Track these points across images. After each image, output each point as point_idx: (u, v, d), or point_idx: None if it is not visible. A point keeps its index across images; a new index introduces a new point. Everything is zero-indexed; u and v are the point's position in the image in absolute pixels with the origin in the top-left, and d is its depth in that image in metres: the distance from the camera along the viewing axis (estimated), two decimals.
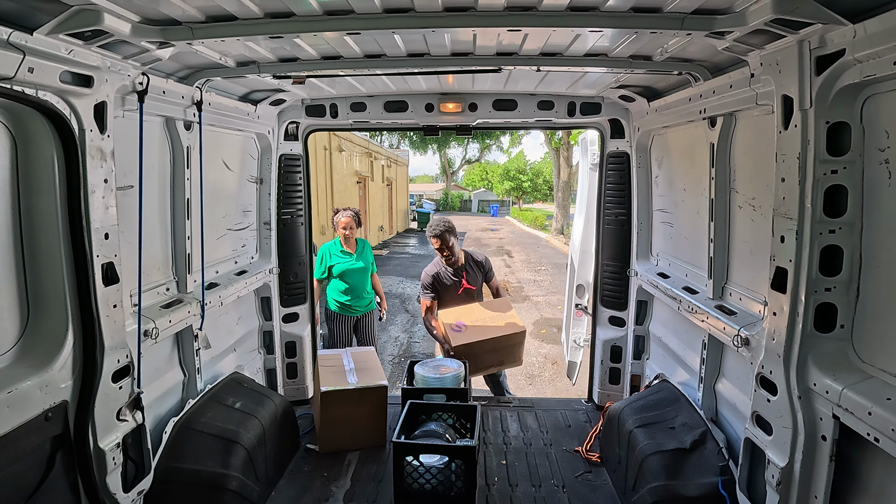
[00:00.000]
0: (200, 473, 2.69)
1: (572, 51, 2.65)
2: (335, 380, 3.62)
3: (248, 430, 3.02)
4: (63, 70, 1.93)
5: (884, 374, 1.76)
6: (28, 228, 2.04)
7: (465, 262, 4.80)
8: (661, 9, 1.98)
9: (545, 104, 3.86)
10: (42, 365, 2.02)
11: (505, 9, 2.05)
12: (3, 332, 1.99)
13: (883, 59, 1.59)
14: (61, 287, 2.08)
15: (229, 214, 3.67)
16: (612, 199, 4.09)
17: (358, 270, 5.34)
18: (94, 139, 2.10)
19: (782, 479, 2.02)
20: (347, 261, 5.32)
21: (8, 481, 1.86)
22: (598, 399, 4.30)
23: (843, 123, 1.84)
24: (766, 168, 2.32)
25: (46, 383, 1.99)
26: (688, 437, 2.78)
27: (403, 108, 3.88)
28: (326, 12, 2.06)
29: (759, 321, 2.44)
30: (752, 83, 2.28)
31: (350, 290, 5.34)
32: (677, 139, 3.47)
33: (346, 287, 5.32)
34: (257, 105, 3.66)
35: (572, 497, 3.15)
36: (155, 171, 2.83)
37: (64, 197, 2.06)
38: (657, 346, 3.89)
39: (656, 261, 3.86)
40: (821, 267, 1.91)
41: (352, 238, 5.38)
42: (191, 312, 2.98)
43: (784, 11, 1.70)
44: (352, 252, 5.36)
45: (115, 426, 2.28)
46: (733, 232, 2.81)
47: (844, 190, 1.86)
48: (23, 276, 2.05)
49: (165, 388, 2.96)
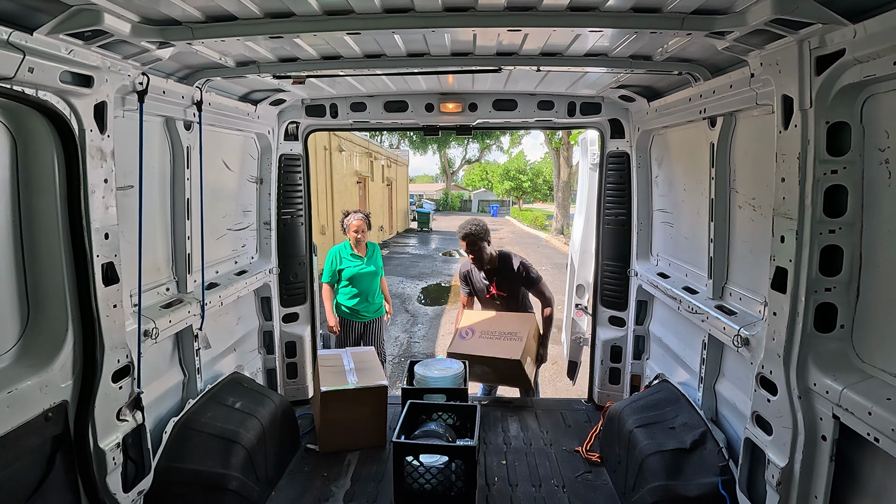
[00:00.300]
0: (200, 473, 2.69)
1: (572, 51, 2.65)
2: (335, 380, 3.62)
3: (248, 430, 3.02)
4: (63, 70, 1.93)
5: (884, 374, 1.76)
6: (28, 228, 2.04)
7: (499, 267, 4.52)
8: (661, 9, 1.99)
9: (545, 104, 3.86)
10: (42, 365, 2.02)
11: (505, 9, 2.05)
12: (4, 331, 1.99)
13: (883, 59, 1.59)
14: (61, 287, 2.08)
15: (229, 214, 3.67)
16: (612, 199, 4.09)
17: (368, 275, 5.23)
18: (94, 139, 2.10)
19: (782, 479, 2.02)
20: (358, 265, 5.20)
21: (8, 481, 1.86)
22: (598, 399, 4.29)
23: (843, 123, 1.84)
24: (766, 168, 2.32)
25: (46, 383, 1.99)
26: (688, 437, 2.78)
27: (403, 108, 3.88)
28: (326, 12, 2.06)
29: (759, 321, 2.44)
30: (752, 83, 2.28)
31: (359, 295, 5.20)
32: (677, 139, 3.47)
33: (355, 292, 5.20)
34: (257, 105, 3.66)
35: (572, 497, 3.15)
36: (155, 171, 2.84)
37: (64, 197, 2.06)
38: (657, 346, 3.89)
39: (656, 261, 3.86)
40: (821, 267, 1.91)
41: (363, 241, 5.25)
42: (191, 312, 2.99)
43: (784, 11, 1.70)
44: (362, 256, 5.24)
45: (115, 426, 2.28)
46: (733, 232, 2.81)
47: (844, 190, 1.86)
48: (23, 276, 2.05)
49: (165, 388, 2.96)
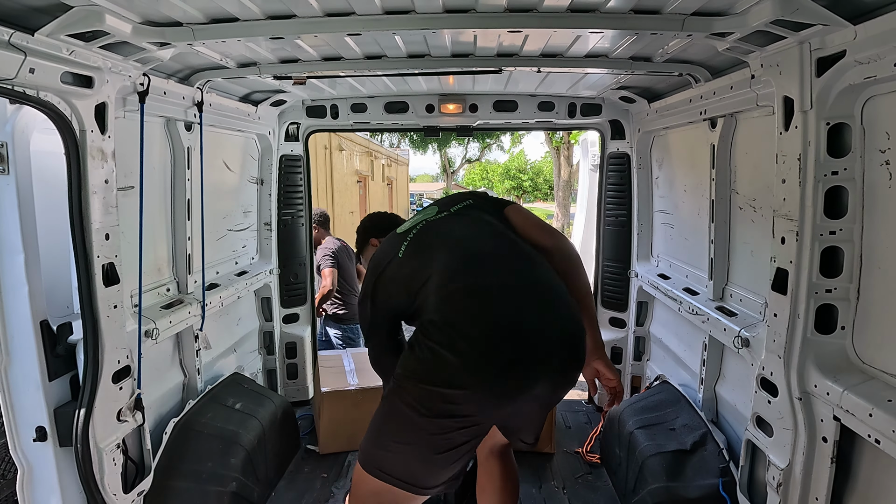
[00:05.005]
0: (200, 474, 2.69)
1: (573, 52, 2.65)
2: (335, 381, 3.62)
3: (248, 431, 3.02)
4: (64, 71, 1.93)
5: (885, 376, 1.76)
6: None
7: None
8: (661, 10, 1.98)
9: (546, 105, 3.85)
10: None
11: (505, 10, 2.05)
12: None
13: (883, 61, 1.59)
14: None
15: (230, 215, 3.67)
16: (612, 200, 4.09)
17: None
18: (94, 140, 2.10)
19: (783, 480, 2.02)
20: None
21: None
22: (598, 400, 4.29)
23: (843, 125, 1.84)
24: (766, 169, 2.32)
25: None
26: (688, 439, 2.78)
27: (404, 109, 3.88)
28: (327, 13, 2.06)
29: (760, 322, 2.44)
30: (752, 84, 2.28)
31: None
32: (678, 140, 3.47)
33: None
34: (258, 106, 3.66)
35: (572, 498, 3.15)
36: (156, 171, 2.83)
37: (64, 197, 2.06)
38: (658, 347, 3.89)
39: (657, 262, 3.86)
40: (821, 268, 1.91)
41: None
42: (191, 313, 2.98)
43: (785, 13, 1.70)
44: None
45: (115, 427, 2.27)
46: (734, 233, 2.81)
47: (845, 191, 1.86)
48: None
49: (166, 388, 2.96)
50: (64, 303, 2.30)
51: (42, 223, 2.09)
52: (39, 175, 2.10)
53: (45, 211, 2.13)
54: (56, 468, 2.12)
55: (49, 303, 2.13)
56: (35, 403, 2.07)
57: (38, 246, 2.07)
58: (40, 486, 2.13)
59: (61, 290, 2.28)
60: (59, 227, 2.10)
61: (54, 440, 2.11)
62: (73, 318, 2.18)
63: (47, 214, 2.14)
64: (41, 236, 2.09)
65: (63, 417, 2.10)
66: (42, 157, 2.12)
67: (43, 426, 2.07)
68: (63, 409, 2.12)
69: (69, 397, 2.18)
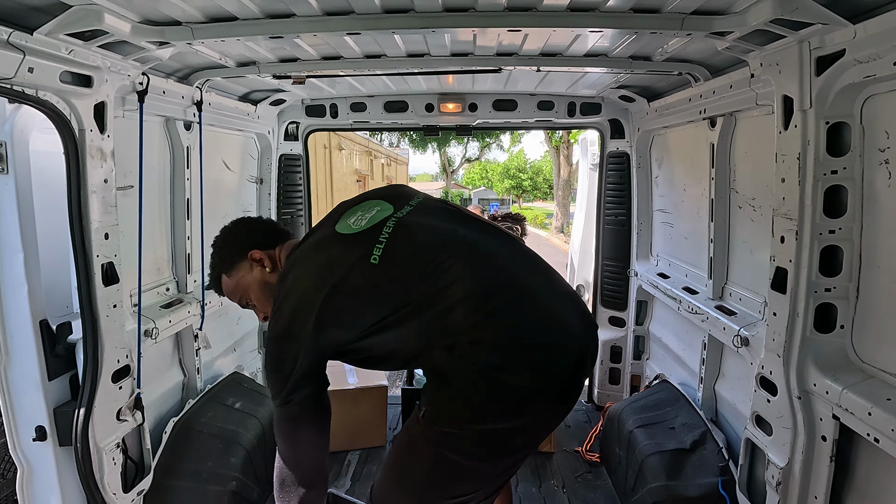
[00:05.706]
0: (200, 473, 2.69)
1: (572, 51, 2.65)
2: (335, 380, 3.59)
3: (248, 430, 3.02)
4: (63, 70, 1.92)
5: (884, 375, 1.76)
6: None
7: None
8: (660, 9, 1.98)
9: (545, 104, 3.85)
10: None
11: (505, 9, 2.05)
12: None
13: (883, 60, 1.59)
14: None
15: (229, 214, 3.66)
16: (612, 199, 4.09)
17: None
18: (94, 139, 2.10)
19: (782, 479, 2.02)
20: None
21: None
22: (597, 399, 4.29)
23: (842, 124, 1.84)
24: (766, 168, 2.32)
25: None
26: (688, 438, 2.78)
27: (403, 109, 3.88)
28: (326, 12, 2.06)
29: (759, 321, 2.44)
30: (752, 83, 2.28)
31: None
32: (677, 139, 3.47)
33: None
34: (257, 105, 3.66)
35: (572, 497, 3.15)
36: (155, 171, 2.83)
37: (64, 197, 2.06)
38: (657, 346, 3.89)
39: (656, 261, 3.86)
40: (821, 267, 1.91)
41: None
42: (191, 312, 2.99)
43: (784, 12, 1.70)
44: None
45: (115, 426, 2.27)
46: (733, 232, 2.81)
47: (844, 190, 1.86)
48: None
49: (165, 387, 2.96)
50: (63, 302, 2.30)
51: (41, 223, 2.09)
52: (38, 175, 2.10)
53: (45, 210, 2.13)
54: (56, 468, 2.12)
55: (48, 302, 2.13)
56: (35, 403, 2.07)
57: (37, 245, 2.07)
58: (40, 485, 2.14)
59: (61, 290, 2.28)
60: (59, 227, 2.10)
61: (54, 440, 2.11)
62: (73, 318, 2.18)
63: (47, 214, 2.14)
64: (40, 236, 2.09)
65: (63, 417, 2.10)
66: (41, 157, 2.12)
67: (43, 426, 2.08)
68: (63, 409, 2.12)
69: (69, 397, 2.19)
